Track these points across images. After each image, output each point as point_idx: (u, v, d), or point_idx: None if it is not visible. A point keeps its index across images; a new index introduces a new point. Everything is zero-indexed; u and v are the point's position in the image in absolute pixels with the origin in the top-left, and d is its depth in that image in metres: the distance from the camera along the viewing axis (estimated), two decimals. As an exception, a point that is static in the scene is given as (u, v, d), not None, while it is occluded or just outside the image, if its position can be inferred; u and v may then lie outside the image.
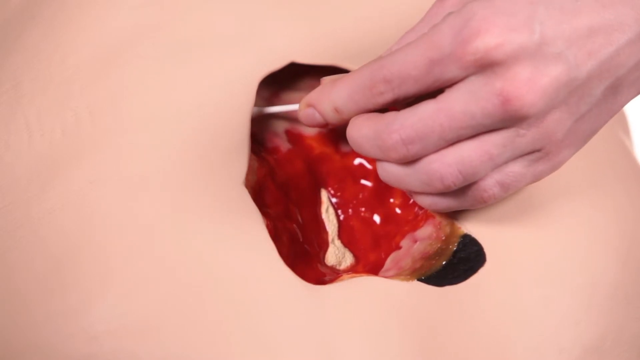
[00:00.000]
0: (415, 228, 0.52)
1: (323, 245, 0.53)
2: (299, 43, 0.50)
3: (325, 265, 0.52)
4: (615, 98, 0.44)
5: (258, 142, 0.53)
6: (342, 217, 0.54)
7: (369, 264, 0.53)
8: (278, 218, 0.50)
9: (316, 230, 0.53)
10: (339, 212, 0.54)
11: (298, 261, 0.50)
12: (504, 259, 0.48)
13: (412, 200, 0.53)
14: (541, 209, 0.50)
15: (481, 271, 0.48)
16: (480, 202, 0.46)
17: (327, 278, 0.50)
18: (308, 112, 0.48)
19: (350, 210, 0.54)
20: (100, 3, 0.50)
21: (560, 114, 0.42)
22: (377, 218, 0.54)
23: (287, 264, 0.48)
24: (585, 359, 0.48)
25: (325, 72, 0.50)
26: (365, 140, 0.45)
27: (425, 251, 0.50)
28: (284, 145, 0.54)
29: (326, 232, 0.53)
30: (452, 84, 0.42)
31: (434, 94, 0.43)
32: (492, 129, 0.42)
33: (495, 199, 0.45)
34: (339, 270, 0.53)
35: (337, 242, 0.54)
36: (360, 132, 0.45)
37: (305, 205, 0.53)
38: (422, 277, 0.48)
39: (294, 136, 0.54)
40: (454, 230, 0.49)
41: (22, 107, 0.48)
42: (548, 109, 0.42)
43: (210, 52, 0.49)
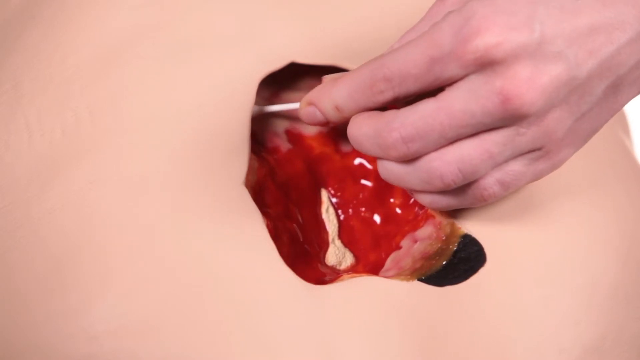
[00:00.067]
0: (415, 228, 0.52)
1: (323, 245, 0.53)
2: (299, 43, 0.50)
3: (326, 265, 0.52)
4: (616, 97, 0.44)
5: (258, 142, 0.53)
6: (342, 217, 0.54)
7: (369, 264, 0.52)
8: (278, 218, 0.50)
9: (316, 230, 0.53)
10: (339, 212, 0.54)
11: (298, 261, 0.50)
12: (504, 259, 0.48)
13: (413, 200, 0.53)
14: (541, 208, 0.50)
15: (481, 271, 0.48)
16: (480, 201, 0.46)
17: (327, 278, 0.50)
18: (309, 111, 0.48)
19: (350, 210, 0.54)
20: (100, 3, 0.50)
21: (560, 113, 0.42)
22: (377, 218, 0.54)
23: (287, 264, 0.48)
24: (585, 359, 0.48)
25: (325, 72, 0.50)
26: (365, 139, 0.45)
27: (425, 251, 0.50)
28: (284, 145, 0.54)
29: (326, 232, 0.53)
30: (453, 83, 0.42)
31: (435, 92, 0.43)
32: (492, 128, 0.42)
33: (495, 197, 0.45)
34: (339, 270, 0.52)
35: (338, 242, 0.53)
36: (360, 131, 0.45)
37: (305, 205, 0.53)
38: (423, 277, 0.48)
39: (294, 136, 0.54)
40: (454, 230, 0.49)
41: (22, 107, 0.48)
42: (548, 107, 0.42)
43: (210, 52, 0.49)
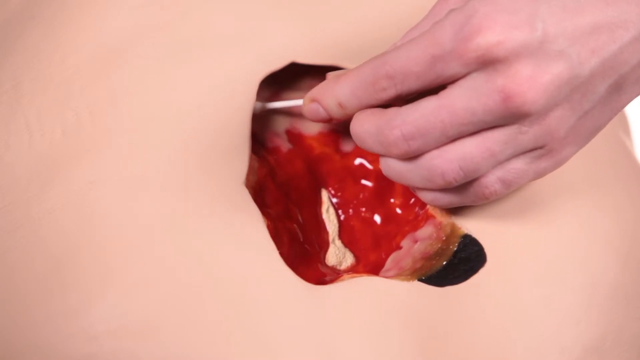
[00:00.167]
0: (415, 228, 0.51)
1: (323, 245, 0.53)
2: (299, 43, 0.50)
3: (326, 265, 0.52)
4: (620, 96, 0.44)
5: (258, 142, 0.53)
6: (342, 217, 0.54)
7: (369, 264, 0.52)
8: (278, 218, 0.50)
9: (316, 230, 0.53)
10: (340, 212, 0.54)
11: (298, 261, 0.50)
12: (504, 259, 0.48)
13: (413, 200, 0.53)
14: (541, 208, 0.50)
15: (481, 271, 0.48)
16: (481, 199, 0.46)
17: (328, 278, 0.50)
18: (312, 107, 0.48)
19: (350, 210, 0.54)
20: (100, 3, 0.50)
21: (562, 112, 0.42)
22: (377, 218, 0.54)
23: (288, 264, 0.48)
24: (586, 358, 0.48)
25: (325, 72, 0.50)
26: (368, 136, 0.45)
27: (425, 251, 0.50)
28: (285, 145, 0.54)
29: (326, 232, 0.53)
30: (455, 81, 0.42)
31: (437, 90, 0.43)
32: (494, 126, 0.42)
33: (497, 195, 0.45)
34: (340, 270, 0.52)
35: (338, 242, 0.53)
36: (363, 128, 0.45)
37: (305, 205, 0.53)
38: (423, 278, 0.48)
39: (294, 136, 0.54)
40: (454, 231, 0.49)
41: (22, 107, 0.48)
42: (550, 106, 0.42)
43: (210, 52, 0.49)
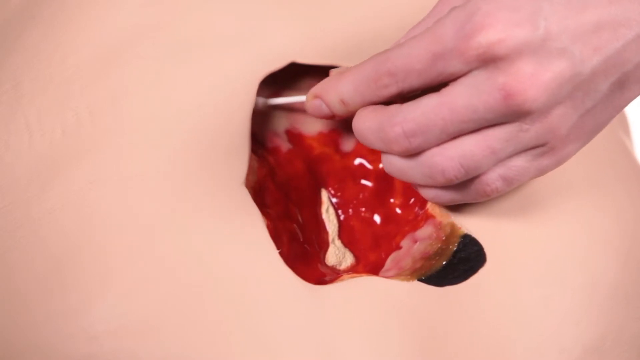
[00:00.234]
0: (415, 228, 0.52)
1: (323, 245, 0.53)
2: (299, 43, 0.50)
3: (326, 265, 0.52)
4: (622, 94, 0.44)
5: (258, 142, 0.53)
6: (342, 217, 0.54)
7: (369, 264, 0.52)
8: (278, 218, 0.50)
9: (316, 230, 0.53)
10: (339, 212, 0.54)
11: (298, 261, 0.50)
12: (504, 259, 0.48)
13: (413, 200, 0.53)
14: (541, 208, 0.50)
15: (481, 271, 0.48)
16: (483, 196, 0.46)
17: (327, 278, 0.50)
18: (315, 104, 0.48)
19: (350, 210, 0.54)
20: (100, 3, 0.50)
21: (564, 109, 0.42)
22: (377, 218, 0.54)
23: (287, 264, 0.48)
24: (586, 358, 0.48)
25: (325, 71, 0.50)
26: (369, 132, 0.45)
27: (425, 251, 0.50)
28: (284, 145, 0.54)
29: (326, 232, 0.53)
30: (456, 78, 0.42)
31: (439, 88, 0.43)
32: (495, 124, 0.43)
33: (498, 192, 0.45)
34: (339, 270, 0.52)
35: (338, 242, 0.53)
36: (365, 124, 0.45)
37: (305, 205, 0.53)
38: (423, 277, 0.48)
39: (294, 136, 0.54)
40: (454, 231, 0.49)
41: (22, 107, 0.48)
42: (552, 104, 0.42)
43: (210, 52, 0.49)
